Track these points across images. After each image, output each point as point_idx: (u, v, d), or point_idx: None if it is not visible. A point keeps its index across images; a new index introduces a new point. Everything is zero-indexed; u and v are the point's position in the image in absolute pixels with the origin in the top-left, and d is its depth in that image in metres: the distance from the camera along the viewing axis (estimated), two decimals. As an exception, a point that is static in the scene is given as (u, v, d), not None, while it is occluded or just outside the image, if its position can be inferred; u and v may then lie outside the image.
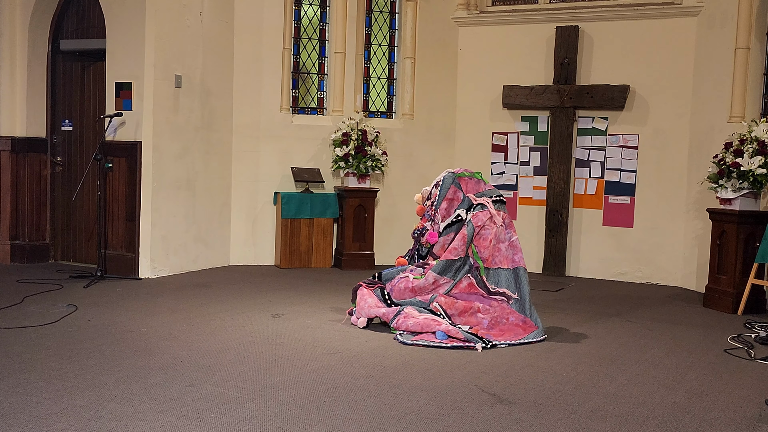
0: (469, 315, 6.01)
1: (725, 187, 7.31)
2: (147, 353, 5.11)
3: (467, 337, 5.62)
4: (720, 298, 7.40)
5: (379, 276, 6.47)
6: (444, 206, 6.39)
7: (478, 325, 5.93)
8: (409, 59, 9.86)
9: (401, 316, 5.96)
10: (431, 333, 5.73)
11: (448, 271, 6.20)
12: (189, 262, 8.67)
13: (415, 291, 6.21)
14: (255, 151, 9.39)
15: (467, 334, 5.66)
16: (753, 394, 4.65)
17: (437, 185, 6.46)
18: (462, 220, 6.29)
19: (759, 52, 8.05)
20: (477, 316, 6.00)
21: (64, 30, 8.93)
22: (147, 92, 8.01)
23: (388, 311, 6.08)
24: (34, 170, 8.96)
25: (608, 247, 9.30)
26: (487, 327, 5.92)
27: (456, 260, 6.19)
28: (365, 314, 6.18)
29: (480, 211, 6.28)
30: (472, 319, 5.99)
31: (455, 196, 6.39)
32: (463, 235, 6.22)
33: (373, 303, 6.23)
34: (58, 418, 3.79)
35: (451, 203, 6.39)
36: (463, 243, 6.20)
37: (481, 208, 6.29)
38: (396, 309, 6.07)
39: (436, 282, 6.17)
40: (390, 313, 6.05)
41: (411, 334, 5.80)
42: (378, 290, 6.37)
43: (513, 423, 3.97)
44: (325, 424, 3.86)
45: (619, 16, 9.19)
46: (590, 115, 9.34)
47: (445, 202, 6.39)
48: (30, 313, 6.24)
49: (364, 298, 6.29)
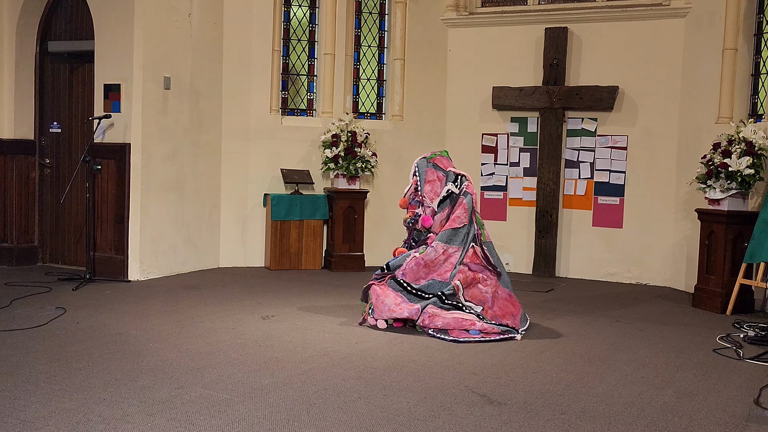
0: (473, 287, 6.10)
1: (714, 187, 7.35)
2: (136, 356, 5.08)
3: (503, 330, 5.90)
4: (709, 298, 7.43)
5: (387, 267, 6.41)
6: (428, 189, 6.46)
7: (483, 299, 6.09)
8: (398, 60, 9.86)
9: (426, 315, 5.96)
10: (464, 331, 5.85)
11: (454, 240, 6.24)
12: (178, 264, 8.64)
13: (428, 266, 6.17)
14: (244, 152, 9.37)
15: (502, 327, 5.91)
16: (742, 393, 4.67)
17: (415, 173, 6.53)
18: (453, 194, 6.38)
19: (747, 53, 8.09)
20: (479, 288, 6.13)
21: (53, 31, 8.89)
22: (136, 94, 7.98)
23: (411, 311, 6.01)
24: (22, 172, 8.91)
25: (598, 248, 9.32)
26: (491, 302, 6.12)
27: (461, 228, 6.26)
28: (386, 316, 6.12)
29: (468, 183, 6.46)
30: (476, 292, 6.11)
31: (436, 176, 6.49)
32: (463, 204, 6.32)
33: (392, 303, 6.11)
34: (46, 422, 3.77)
35: (433, 184, 6.46)
36: (464, 211, 6.29)
37: (466, 180, 6.47)
38: (418, 307, 6.02)
39: (446, 252, 6.19)
40: (413, 313, 6.01)
41: (443, 331, 5.90)
42: (391, 281, 6.27)
43: (503, 424, 3.97)
44: (315, 426, 3.85)
45: (608, 17, 9.23)
46: (579, 116, 9.37)
47: (427, 185, 6.47)
48: (18, 316, 6.20)
49: (380, 299, 6.18)
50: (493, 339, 5.84)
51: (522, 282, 8.80)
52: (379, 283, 6.33)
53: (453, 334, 5.86)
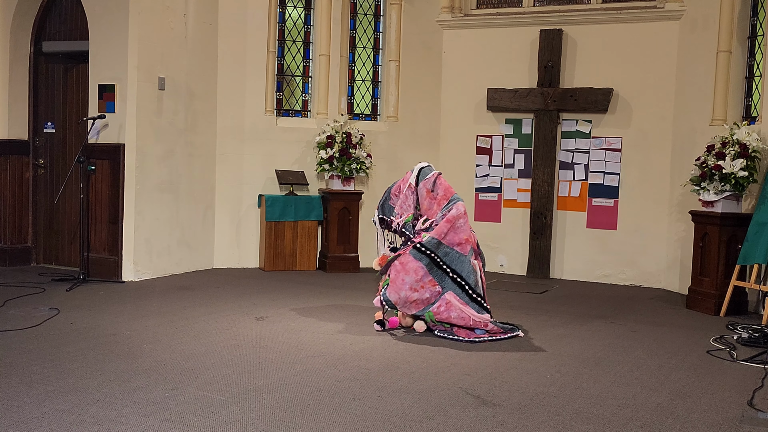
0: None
1: (707, 189, 7.36)
2: (130, 357, 5.07)
3: (506, 329, 6.08)
4: (702, 299, 7.45)
5: (394, 250, 6.38)
6: (426, 206, 6.38)
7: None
8: (393, 62, 9.86)
9: (443, 302, 5.96)
10: (470, 330, 5.94)
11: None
12: (172, 265, 8.62)
13: (452, 223, 6.07)
14: (239, 153, 9.36)
15: (506, 326, 6.12)
16: (735, 395, 4.68)
17: (420, 181, 6.41)
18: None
19: (740, 55, 8.11)
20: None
21: (47, 32, 8.87)
22: (130, 94, 7.96)
23: (433, 292, 5.97)
24: (16, 172, 8.88)
25: (592, 250, 9.34)
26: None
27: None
28: (402, 298, 5.97)
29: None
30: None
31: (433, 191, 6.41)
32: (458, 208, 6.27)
33: (412, 281, 5.96)
34: (40, 423, 3.76)
35: (432, 199, 6.36)
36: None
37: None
38: (440, 290, 5.98)
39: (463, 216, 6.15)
40: (434, 294, 5.98)
41: (451, 326, 5.97)
42: (413, 250, 6.04)
43: (497, 425, 3.97)
44: (310, 427, 3.85)
45: (603, 19, 9.25)
46: (574, 117, 9.38)
47: (427, 200, 6.37)
48: (11, 316, 6.18)
49: (400, 276, 6.02)
50: (500, 338, 5.95)
51: (516, 284, 8.81)
52: (401, 253, 6.17)
53: (460, 334, 5.91)
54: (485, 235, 9.32)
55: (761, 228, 6.95)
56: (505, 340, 5.95)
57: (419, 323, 6.07)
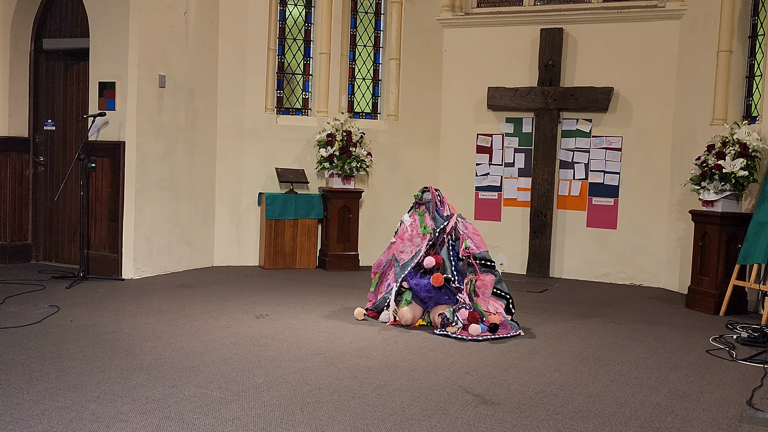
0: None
1: (707, 189, 7.36)
2: (130, 354, 5.08)
3: (511, 326, 6.19)
4: (702, 299, 7.45)
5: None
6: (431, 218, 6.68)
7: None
8: (394, 60, 9.86)
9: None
10: (475, 324, 6.02)
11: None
12: (172, 263, 8.63)
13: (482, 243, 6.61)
14: (239, 151, 9.36)
15: (511, 324, 6.21)
16: (734, 394, 4.68)
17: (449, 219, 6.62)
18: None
19: (741, 55, 8.12)
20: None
21: (47, 29, 8.87)
22: (130, 92, 7.96)
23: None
24: (16, 170, 8.89)
25: (592, 249, 9.34)
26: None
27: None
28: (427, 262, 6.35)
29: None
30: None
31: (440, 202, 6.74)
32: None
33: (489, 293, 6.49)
34: (40, 420, 3.76)
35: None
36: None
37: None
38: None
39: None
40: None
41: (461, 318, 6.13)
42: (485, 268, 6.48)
43: (496, 424, 3.98)
44: (309, 425, 3.85)
45: (603, 18, 9.25)
46: (574, 117, 9.38)
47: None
48: (11, 313, 6.18)
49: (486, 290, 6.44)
50: (501, 336, 5.98)
51: (516, 282, 8.81)
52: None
53: (465, 333, 5.95)
54: (485, 233, 9.27)
55: (761, 227, 6.95)
56: (504, 339, 5.96)
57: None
